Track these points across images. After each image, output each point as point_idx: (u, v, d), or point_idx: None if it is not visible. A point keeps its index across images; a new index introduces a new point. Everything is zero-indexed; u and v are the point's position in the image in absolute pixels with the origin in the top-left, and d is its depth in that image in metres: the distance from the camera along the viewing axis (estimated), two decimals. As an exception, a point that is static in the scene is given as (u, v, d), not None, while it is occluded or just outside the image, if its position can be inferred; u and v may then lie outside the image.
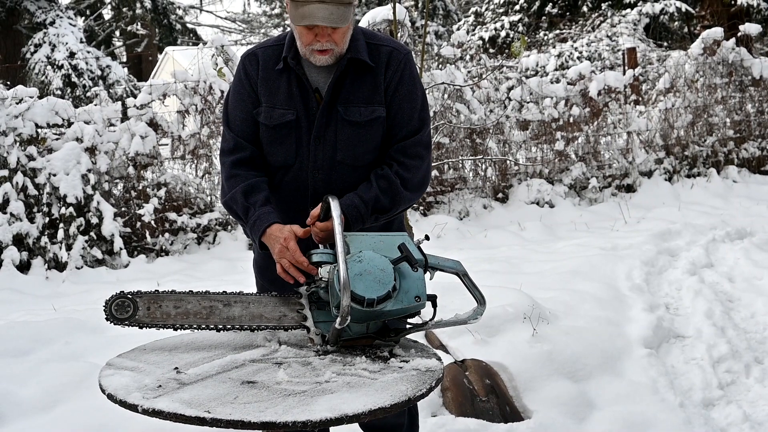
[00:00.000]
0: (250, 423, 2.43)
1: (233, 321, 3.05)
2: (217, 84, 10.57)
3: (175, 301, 3.03)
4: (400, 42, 3.56)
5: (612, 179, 12.38)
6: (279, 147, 3.39)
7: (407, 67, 3.40)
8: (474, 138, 11.75)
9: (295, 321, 3.08)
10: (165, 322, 3.02)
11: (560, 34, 24.15)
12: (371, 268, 2.92)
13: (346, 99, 3.33)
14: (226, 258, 9.58)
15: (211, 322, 3.04)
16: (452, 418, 4.59)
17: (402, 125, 3.39)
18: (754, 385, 5.50)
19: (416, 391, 2.67)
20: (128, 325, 3.02)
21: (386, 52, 3.37)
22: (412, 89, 3.42)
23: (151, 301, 3.02)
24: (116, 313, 3.00)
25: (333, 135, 3.34)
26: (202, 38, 35.22)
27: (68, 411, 4.46)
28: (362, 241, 3.03)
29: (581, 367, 5.30)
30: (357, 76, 3.34)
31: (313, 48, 3.22)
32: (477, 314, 3.18)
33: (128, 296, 3.01)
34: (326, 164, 3.35)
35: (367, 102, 3.33)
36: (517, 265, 8.04)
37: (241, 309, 3.07)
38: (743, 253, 8.20)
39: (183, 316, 3.03)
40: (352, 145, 3.35)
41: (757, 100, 13.59)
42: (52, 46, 20.46)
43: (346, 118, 3.32)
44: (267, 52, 3.44)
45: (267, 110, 3.37)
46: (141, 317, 3.01)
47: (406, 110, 3.39)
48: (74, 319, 6.12)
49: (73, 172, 9.29)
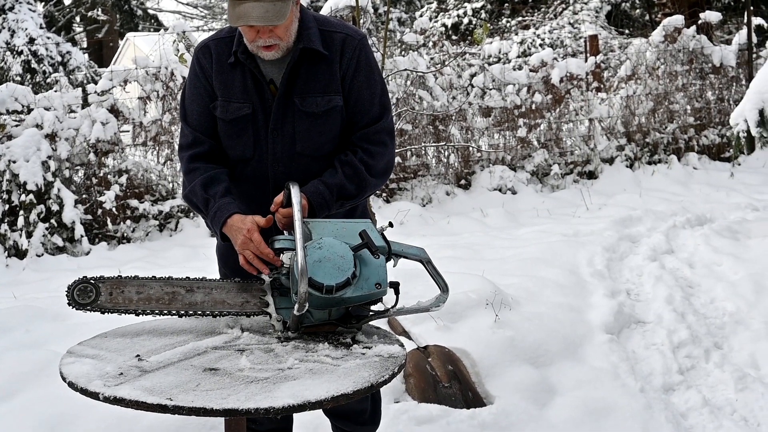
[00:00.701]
0: (213, 410, 2.42)
1: (195, 307, 3.04)
2: (178, 70, 10.51)
3: (137, 286, 3.01)
4: (356, 27, 3.51)
5: (574, 166, 12.44)
6: (237, 140, 3.35)
7: (363, 53, 3.35)
8: (437, 125, 11.76)
9: (258, 307, 3.07)
10: (127, 308, 3.00)
11: (523, 21, 24.18)
12: (330, 254, 2.91)
13: (301, 90, 3.28)
14: (188, 245, 9.54)
15: (173, 308, 3.02)
16: (415, 404, 4.60)
17: (363, 112, 3.36)
18: (713, 370, 5.55)
19: (379, 378, 2.68)
20: (90, 310, 2.99)
21: (340, 39, 3.32)
22: (370, 75, 3.37)
23: (114, 287, 3.00)
24: (78, 298, 2.97)
25: (291, 127, 3.30)
26: (164, 24, 34.91)
27: (29, 399, 4.43)
28: (324, 227, 3.02)
29: (543, 353, 5.32)
30: (311, 65, 3.29)
31: (257, 44, 3.18)
32: (439, 302, 3.18)
33: (90, 281, 2.98)
34: (285, 156, 3.32)
35: (324, 92, 3.29)
36: (480, 252, 8.06)
37: (203, 295, 3.05)
38: (703, 240, 8.27)
39: (145, 302, 3.01)
40: (310, 136, 3.31)
41: (717, 87, 13.70)
42: (11, 32, 20.21)
43: (302, 109, 3.28)
44: (220, 45, 3.38)
45: (223, 104, 3.33)
46: (103, 302, 2.99)
47: (366, 97, 3.35)
48: (35, 307, 6.08)
49: (33, 159, 9.20)
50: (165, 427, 4.11)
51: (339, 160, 3.32)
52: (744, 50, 13.90)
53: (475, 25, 23.53)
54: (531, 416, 4.67)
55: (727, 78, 13.75)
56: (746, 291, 6.67)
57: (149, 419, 4.10)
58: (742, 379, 5.34)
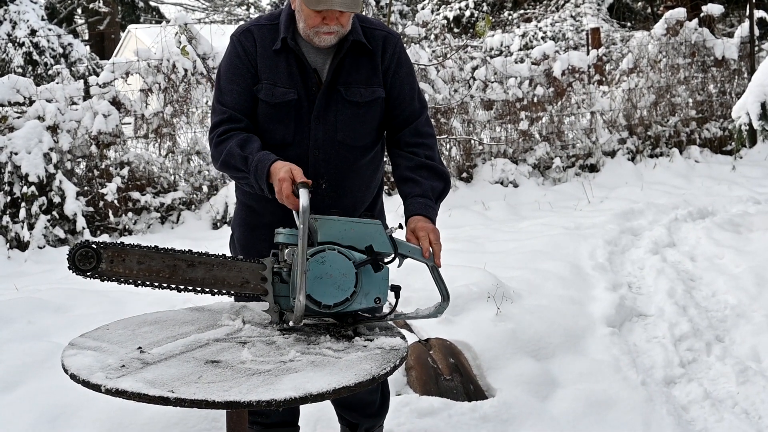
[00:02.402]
0: (214, 402, 2.42)
1: (195, 283, 2.99)
2: (180, 62, 10.50)
3: (139, 256, 2.95)
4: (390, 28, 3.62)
5: (575, 159, 12.43)
6: (278, 125, 3.38)
7: (402, 50, 3.50)
8: (438, 118, 11.75)
9: (257, 290, 3.05)
10: (127, 278, 2.94)
11: (525, 14, 24.16)
12: (332, 271, 2.92)
13: (346, 80, 3.36)
14: (189, 237, 9.53)
15: (173, 282, 2.96)
16: (416, 397, 4.61)
17: (405, 106, 3.49)
18: (714, 363, 5.55)
19: (380, 370, 2.68)
20: (90, 276, 2.92)
21: (381, 36, 3.44)
22: (410, 71, 3.53)
23: (115, 254, 2.93)
24: (79, 263, 2.90)
25: (333, 115, 3.37)
26: (165, 16, 34.85)
27: (31, 391, 4.43)
28: (332, 227, 3.00)
29: (545, 345, 5.33)
30: (355, 58, 3.38)
31: (319, 30, 3.23)
32: (438, 311, 3.20)
33: (92, 246, 2.91)
34: (327, 144, 3.38)
35: (367, 83, 3.39)
36: (482, 245, 8.06)
37: (204, 271, 3.00)
38: (705, 233, 8.26)
39: (145, 273, 2.95)
40: (352, 126, 3.39)
41: (719, 80, 13.69)
42: (12, 24, 20.19)
43: (347, 98, 3.36)
44: (262, 30, 3.42)
45: (268, 87, 3.35)
46: (104, 270, 2.91)
47: (407, 91, 3.50)
48: (36, 299, 6.08)
49: (35, 151, 9.20)
50: (167, 420, 4.11)
51: (409, 168, 3.44)
52: (746, 43, 13.88)
53: (477, 17, 23.50)
54: (532, 409, 4.67)
55: (729, 71, 13.74)
56: (748, 284, 6.67)
57: (151, 411, 4.10)
58: (743, 372, 5.34)
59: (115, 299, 6.08)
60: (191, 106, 10.71)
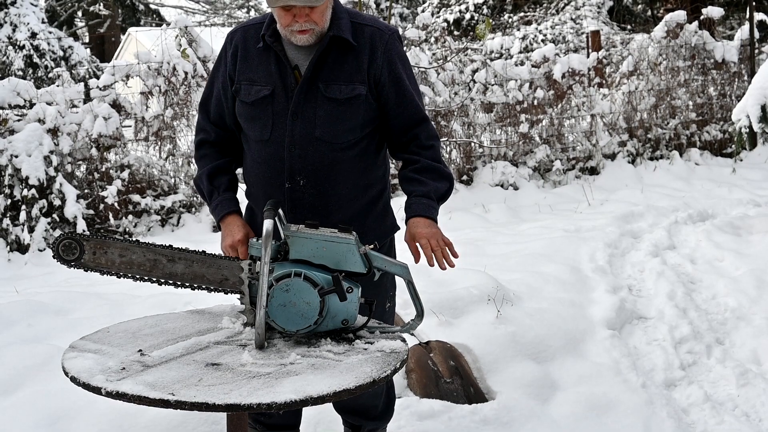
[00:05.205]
0: (215, 405, 2.43)
1: (175, 278, 3.09)
2: (180, 65, 10.51)
3: (120, 249, 3.06)
4: (387, 23, 3.58)
5: (576, 162, 12.42)
6: (255, 123, 3.40)
7: (395, 46, 3.43)
8: (439, 120, 11.74)
9: (235, 287, 3.11)
10: (109, 269, 3.07)
11: (525, 16, 24.15)
12: (296, 299, 2.91)
13: (327, 77, 3.33)
14: (190, 240, 9.52)
15: (153, 275, 3.08)
16: (417, 400, 4.61)
17: (406, 104, 3.44)
18: (715, 365, 5.55)
19: (381, 373, 2.68)
20: (74, 266, 3.07)
21: (369, 32, 3.39)
22: (406, 67, 3.47)
23: (98, 246, 3.06)
24: (63, 254, 3.06)
25: (312, 112, 3.34)
26: (166, 19, 34.87)
27: (31, 394, 4.43)
28: (304, 245, 3.00)
29: (545, 348, 5.33)
30: (339, 54, 3.34)
31: (293, 29, 3.23)
32: (410, 327, 3.20)
33: (75, 237, 3.05)
34: (304, 140, 3.34)
35: (348, 80, 3.34)
36: (482, 247, 8.05)
37: (184, 266, 3.08)
38: (705, 235, 8.26)
39: (126, 266, 3.06)
40: (331, 122, 3.34)
41: (719, 83, 13.67)
42: (13, 27, 20.22)
43: (326, 95, 3.33)
44: (249, 30, 3.46)
45: (246, 87, 3.39)
46: (86, 261, 3.06)
47: (406, 88, 3.44)
48: (37, 302, 6.07)
49: (35, 154, 9.20)
50: (167, 422, 4.11)
51: (415, 170, 3.44)
52: (746, 46, 13.87)
53: (477, 20, 23.50)
54: (532, 411, 4.67)
55: (729, 74, 13.72)
56: (748, 287, 6.67)
57: (151, 414, 4.10)
58: (743, 374, 5.34)
59: (116, 302, 6.08)
60: (191, 108, 10.70)
